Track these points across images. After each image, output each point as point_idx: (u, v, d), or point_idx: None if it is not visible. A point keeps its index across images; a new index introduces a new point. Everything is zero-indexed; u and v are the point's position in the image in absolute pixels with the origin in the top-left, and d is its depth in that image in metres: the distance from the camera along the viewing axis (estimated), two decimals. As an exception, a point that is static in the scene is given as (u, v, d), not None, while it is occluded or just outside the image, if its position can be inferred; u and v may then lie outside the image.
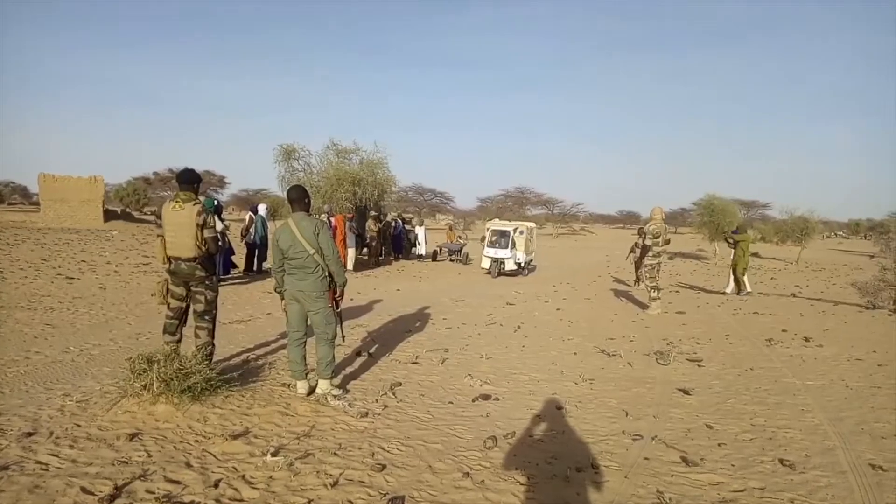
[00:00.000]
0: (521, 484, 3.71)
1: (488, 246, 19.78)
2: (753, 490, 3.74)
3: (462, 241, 25.33)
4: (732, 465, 4.12)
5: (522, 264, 19.95)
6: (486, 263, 19.50)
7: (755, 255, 29.93)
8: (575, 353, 7.46)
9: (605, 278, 19.26)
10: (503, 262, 19.25)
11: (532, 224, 22.60)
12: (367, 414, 4.87)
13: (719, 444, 4.50)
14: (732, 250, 14.66)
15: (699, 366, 6.90)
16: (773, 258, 31.41)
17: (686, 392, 5.81)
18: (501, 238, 19.59)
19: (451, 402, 5.38)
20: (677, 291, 15.06)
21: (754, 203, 64.78)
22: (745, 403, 5.55)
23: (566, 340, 8.25)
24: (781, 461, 4.18)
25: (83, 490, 3.32)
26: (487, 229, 20.87)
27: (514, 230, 19.86)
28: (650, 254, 10.83)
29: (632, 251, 17.82)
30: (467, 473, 3.82)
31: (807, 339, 8.42)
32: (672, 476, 3.91)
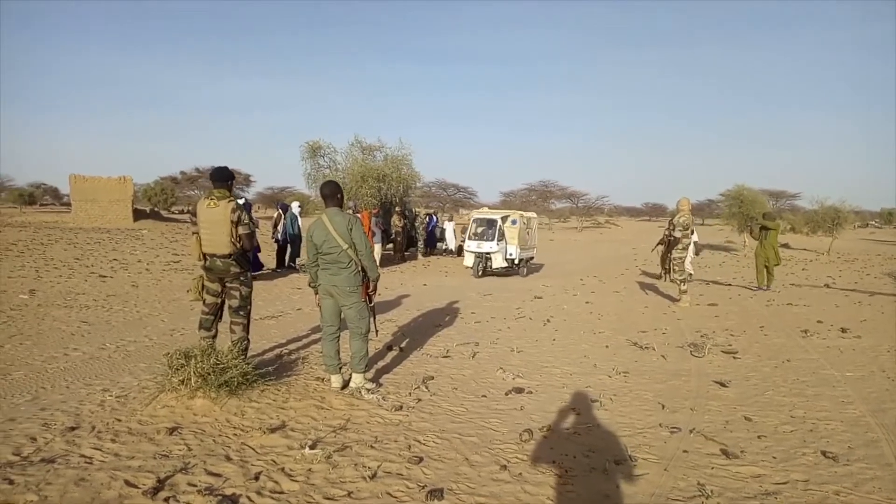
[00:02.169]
0: (560, 477, 3.68)
1: (470, 238, 16.82)
2: (797, 482, 3.67)
3: None
4: (774, 458, 4.05)
5: (516, 260, 16.88)
6: (468, 260, 16.64)
7: (785, 245, 29.47)
8: (607, 347, 7.39)
9: (632, 271, 19.04)
10: (489, 258, 16.38)
11: (531, 214, 19.33)
12: (401, 407, 4.88)
13: (759, 437, 4.42)
14: (757, 241, 13.51)
15: (735, 358, 6.80)
16: (804, 249, 30.89)
17: (722, 384, 5.73)
18: (488, 229, 16.60)
19: (485, 396, 5.37)
20: (708, 284, 14.84)
21: (783, 193, 63.58)
22: (783, 395, 5.45)
23: (597, 333, 8.19)
24: (824, 453, 4.09)
25: (127, 483, 3.37)
26: (471, 220, 18.00)
27: (504, 219, 16.92)
28: (679, 246, 10.68)
29: (660, 243, 16.37)
30: (504, 466, 3.81)
31: (843, 330, 8.26)
32: (712, 468, 3.86)
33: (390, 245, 19.80)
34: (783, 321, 9.11)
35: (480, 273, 16.27)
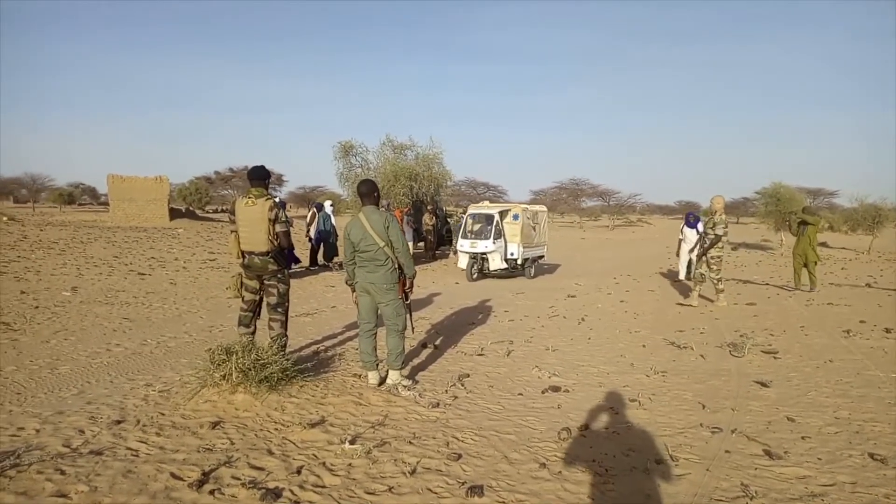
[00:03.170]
0: (600, 475, 3.65)
1: (463, 237, 14.98)
2: (843, 485, 3.59)
3: None
4: (819, 459, 3.96)
5: (520, 261, 15.05)
6: (462, 261, 14.82)
7: (823, 244, 28.82)
8: (643, 346, 7.31)
9: (666, 270, 18.77)
10: (485, 259, 14.64)
11: (539, 207, 17.10)
12: (438, 404, 4.90)
13: (803, 437, 4.33)
14: (796, 237, 13.02)
15: (775, 358, 6.67)
16: (843, 247, 30.16)
17: (764, 384, 5.63)
18: (485, 226, 14.79)
19: (521, 394, 5.36)
20: (745, 283, 14.57)
21: (821, 191, 61.95)
22: (826, 396, 5.33)
23: (633, 332, 8.10)
24: (871, 455, 3.99)
25: (173, 475, 3.44)
26: (466, 215, 16.02)
27: (504, 213, 15.09)
28: (719, 244, 10.50)
29: (680, 246, 15.09)
30: (544, 464, 3.80)
31: (888, 331, 8.03)
32: (756, 469, 3.79)
33: (421, 243, 19.85)
34: (824, 321, 8.90)
35: (475, 276, 14.57)
